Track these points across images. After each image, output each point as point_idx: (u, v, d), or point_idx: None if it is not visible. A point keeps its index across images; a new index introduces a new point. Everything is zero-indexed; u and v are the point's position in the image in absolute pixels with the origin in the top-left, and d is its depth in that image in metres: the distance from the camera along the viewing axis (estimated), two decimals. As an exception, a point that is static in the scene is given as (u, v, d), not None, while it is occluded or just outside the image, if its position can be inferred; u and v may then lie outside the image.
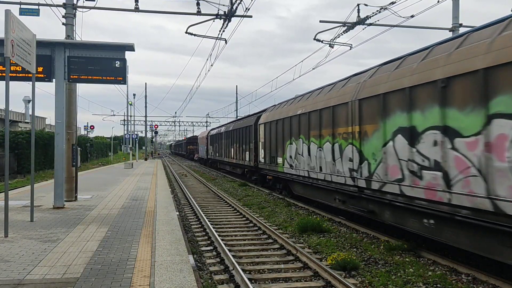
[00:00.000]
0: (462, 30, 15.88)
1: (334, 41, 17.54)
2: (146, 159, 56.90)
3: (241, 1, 13.84)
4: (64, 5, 13.51)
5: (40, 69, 10.92)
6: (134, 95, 55.23)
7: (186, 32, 16.15)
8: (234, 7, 14.36)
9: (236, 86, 58.66)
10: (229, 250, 8.55)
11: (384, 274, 7.11)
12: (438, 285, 6.60)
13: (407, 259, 8.00)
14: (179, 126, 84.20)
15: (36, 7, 14.00)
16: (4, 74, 7.87)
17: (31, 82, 9.77)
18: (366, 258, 8.14)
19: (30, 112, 10.70)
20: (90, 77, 11.51)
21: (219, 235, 9.94)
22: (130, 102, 49.12)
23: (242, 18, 14.99)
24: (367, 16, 16.16)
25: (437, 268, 7.44)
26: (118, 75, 11.60)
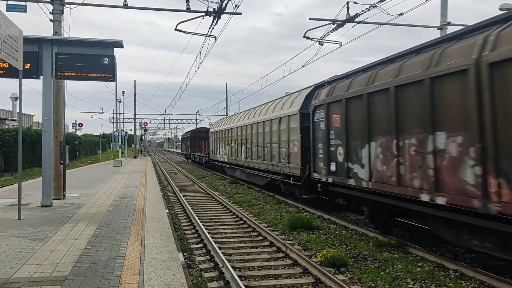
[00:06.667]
0: (450, 28, 16.01)
1: (324, 38, 17.51)
2: (135, 157, 56.59)
3: (230, -2, 13.80)
4: (51, 1, 13.33)
5: (27, 65, 10.77)
6: (123, 92, 54.62)
7: (175, 29, 16.05)
8: (224, 4, 14.31)
9: (226, 83, 58.54)
10: (219, 248, 8.54)
11: (373, 270, 7.17)
12: (426, 281, 6.67)
13: (395, 255, 8.07)
14: (169, 123, 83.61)
15: (23, 3, 13.80)
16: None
17: (18, 79, 9.65)
18: (355, 255, 8.20)
19: (18, 110, 10.57)
20: (78, 74, 11.39)
21: (209, 233, 9.93)
22: (119, 100, 48.81)
23: (231, 15, 14.95)
24: (356, 14, 16.20)
25: (425, 264, 7.52)
26: (107, 72, 11.50)
